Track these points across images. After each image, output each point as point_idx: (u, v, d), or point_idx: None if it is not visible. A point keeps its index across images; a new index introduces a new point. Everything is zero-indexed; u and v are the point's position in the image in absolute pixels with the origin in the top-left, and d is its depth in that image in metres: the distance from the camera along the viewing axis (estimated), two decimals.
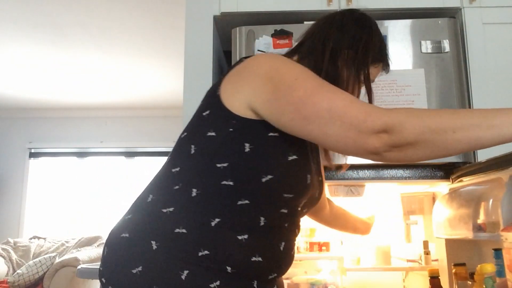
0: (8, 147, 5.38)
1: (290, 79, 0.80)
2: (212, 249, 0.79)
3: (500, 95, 1.67)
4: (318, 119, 0.76)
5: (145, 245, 0.80)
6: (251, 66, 0.86)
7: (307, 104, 0.77)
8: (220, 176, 0.82)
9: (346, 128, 0.74)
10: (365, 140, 0.73)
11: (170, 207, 0.82)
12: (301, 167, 0.86)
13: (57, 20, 3.27)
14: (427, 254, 1.71)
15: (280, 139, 0.83)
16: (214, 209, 0.81)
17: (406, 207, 1.82)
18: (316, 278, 1.75)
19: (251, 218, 0.83)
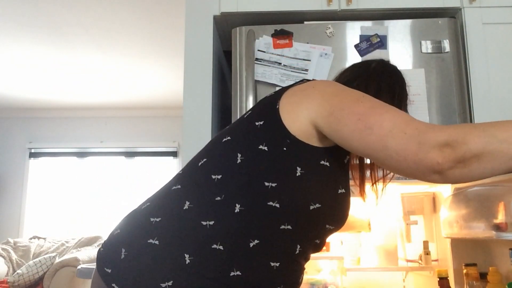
0: (8, 147, 5.38)
1: (356, 95, 0.80)
2: (245, 271, 0.76)
3: (500, 95, 1.67)
4: (380, 130, 0.73)
5: (177, 257, 0.75)
6: (317, 85, 0.86)
7: (371, 114, 0.75)
8: (267, 196, 0.78)
9: (408, 140, 0.70)
10: (427, 154, 0.68)
11: (211, 220, 0.77)
12: (346, 201, 0.87)
13: (57, 20, 3.27)
14: (427, 254, 1.71)
15: (331, 170, 0.83)
16: (255, 229, 0.78)
17: (406, 207, 1.82)
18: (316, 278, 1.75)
19: (289, 245, 0.81)
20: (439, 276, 1.42)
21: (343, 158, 0.87)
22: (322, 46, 1.65)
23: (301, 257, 0.86)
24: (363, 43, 1.65)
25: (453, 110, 1.58)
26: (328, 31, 1.67)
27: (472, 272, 1.35)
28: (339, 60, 1.64)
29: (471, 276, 1.35)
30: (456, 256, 1.54)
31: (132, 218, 0.85)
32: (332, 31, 1.67)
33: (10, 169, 5.33)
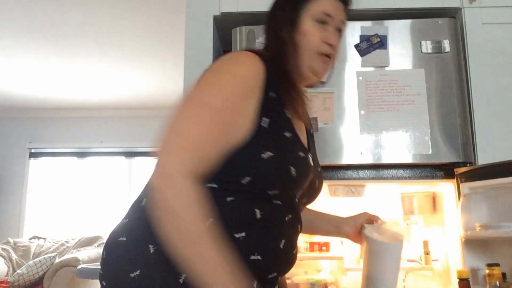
0: (8, 147, 5.38)
1: (204, 83, 0.86)
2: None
3: (500, 95, 1.67)
4: (167, 135, 0.80)
5: (142, 248, 0.79)
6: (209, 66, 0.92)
7: (179, 115, 0.81)
8: (204, 179, 0.81)
9: (158, 161, 0.77)
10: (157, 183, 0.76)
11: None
12: (281, 163, 0.85)
13: (57, 20, 3.27)
14: (427, 254, 1.71)
15: (254, 137, 0.84)
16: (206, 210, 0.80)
17: (406, 207, 1.82)
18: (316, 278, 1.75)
19: (245, 213, 0.82)
20: (460, 277, 1.37)
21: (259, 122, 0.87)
22: None
23: (268, 224, 0.84)
24: (363, 43, 1.65)
25: (453, 110, 1.58)
26: None
27: (496, 273, 1.31)
28: (339, 60, 1.63)
29: (495, 276, 1.31)
30: (469, 257, 1.51)
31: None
32: None
33: (10, 169, 5.33)
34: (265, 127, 0.85)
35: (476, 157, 1.60)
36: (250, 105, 0.84)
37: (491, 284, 1.31)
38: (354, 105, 1.60)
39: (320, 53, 0.97)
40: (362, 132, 1.58)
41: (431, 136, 1.56)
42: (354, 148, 1.57)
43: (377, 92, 1.61)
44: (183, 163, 0.75)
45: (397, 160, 1.56)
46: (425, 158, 1.55)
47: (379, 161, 1.56)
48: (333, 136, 1.58)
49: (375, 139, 1.57)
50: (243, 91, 0.84)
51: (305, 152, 0.92)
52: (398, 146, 1.56)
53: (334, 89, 1.62)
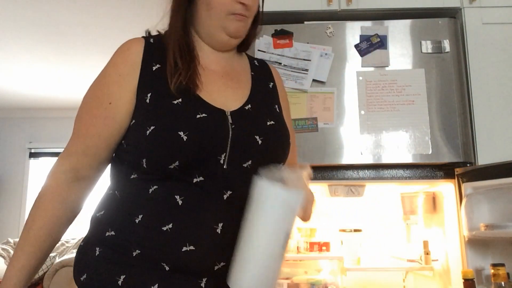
0: (8, 147, 5.38)
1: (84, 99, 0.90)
2: (143, 247, 0.76)
3: (500, 95, 1.67)
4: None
5: (90, 251, 0.81)
6: None
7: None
8: (128, 173, 0.83)
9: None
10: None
11: (102, 210, 0.86)
12: (166, 134, 0.78)
13: (57, 20, 3.27)
14: (427, 254, 1.71)
15: (135, 122, 0.83)
16: (134, 206, 0.80)
17: (406, 207, 1.82)
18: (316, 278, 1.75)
19: (166, 202, 0.78)
20: (465, 278, 1.37)
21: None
22: (322, 46, 1.65)
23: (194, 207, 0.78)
24: (363, 43, 1.65)
25: (453, 110, 1.58)
26: (328, 31, 1.67)
27: (502, 273, 1.30)
28: (339, 60, 1.64)
29: (501, 276, 1.30)
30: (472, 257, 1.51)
31: None
32: (332, 31, 1.67)
33: (10, 169, 5.33)
34: (148, 102, 0.82)
35: (476, 157, 1.60)
36: (125, 88, 0.84)
37: (496, 284, 1.31)
38: (354, 105, 1.60)
39: (232, 13, 0.89)
40: (362, 132, 1.58)
41: (431, 136, 1.56)
42: (354, 148, 1.57)
43: (377, 92, 1.61)
44: (59, 162, 0.86)
45: (397, 160, 1.56)
46: (425, 158, 1.55)
47: (379, 161, 1.56)
48: (333, 136, 1.58)
49: (375, 139, 1.57)
50: (112, 80, 0.86)
51: (211, 112, 0.82)
52: (398, 146, 1.56)
53: (334, 89, 1.62)
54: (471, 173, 1.48)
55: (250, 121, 0.87)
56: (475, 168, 1.49)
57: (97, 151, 0.85)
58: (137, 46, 0.89)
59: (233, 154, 0.82)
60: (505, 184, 1.35)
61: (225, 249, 0.78)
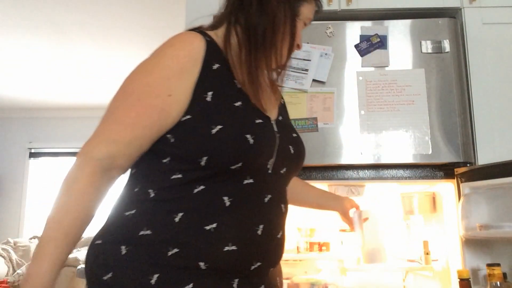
0: (8, 147, 5.38)
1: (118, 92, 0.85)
2: (181, 246, 0.76)
3: (500, 95, 1.67)
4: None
5: (115, 250, 0.78)
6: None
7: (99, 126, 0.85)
8: (169, 171, 0.81)
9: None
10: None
11: (132, 209, 0.81)
12: (234, 133, 0.80)
13: (57, 20, 3.27)
14: (427, 254, 1.71)
15: (195, 119, 0.81)
16: (174, 204, 0.79)
17: (406, 207, 1.82)
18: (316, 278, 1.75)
19: (214, 202, 0.79)
20: (460, 278, 1.36)
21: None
22: (322, 46, 1.65)
23: (240, 207, 0.80)
24: (363, 43, 1.65)
25: (453, 110, 1.58)
26: (328, 31, 1.67)
27: (497, 273, 1.30)
28: (339, 60, 1.64)
29: (496, 276, 1.30)
30: (469, 257, 1.51)
31: None
32: (332, 31, 1.67)
33: (10, 169, 5.33)
34: (209, 100, 0.82)
35: (476, 157, 1.60)
36: (185, 83, 0.82)
37: (491, 284, 1.31)
38: (354, 105, 1.60)
39: (291, 53, 0.95)
40: (362, 132, 1.58)
41: (431, 136, 1.56)
42: (354, 148, 1.57)
43: (377, 92, 1.61)
44: (95, 148, 0.80)
45: (397, 160, 1.56)
46: (425, 158, 1.55)
47: (379, 161, 1.56)
48: (333, 136, 1.58)
49: (375, 139, 1.57)
50: (172, 73, 0.82)
51: (264, 119, 0.87)
52: (398, 146, 1.56)
53: (334, 89, 1.62)
54: (469, 173, 1.48)
55: (286, 131, 0.94)
56: (474, 168, 1.49)
57: (143, 142, 0.81)
58: (200, 42, 0.86)
59: (277, 161, 0.87)
60: (502, 184, 1.35)
61: (263, 250, 0.82)
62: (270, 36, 0.89)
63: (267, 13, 0.88)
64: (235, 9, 0.94)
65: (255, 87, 0.87)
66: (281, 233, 0.87)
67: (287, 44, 0.92)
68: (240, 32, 0.90)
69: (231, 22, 0.93)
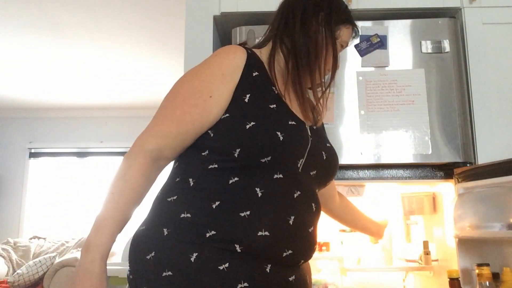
0: (8, 147, 5.38)
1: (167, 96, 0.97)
2: (218, 229, 0.83)
3: (500, 95, 1.67)
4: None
5: (157, 232, 0.86)
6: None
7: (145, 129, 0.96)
8: (205, 163, 0.90)
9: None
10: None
11: (174, 196, 0.90)
12: (265, 131, 0.89)
13: (57, 20, 3.28)
14: (427, 254, 1.71)
15: (232, 116, 0.91)
16: (211, 193, 0.87)
17: (406, 207, 1.82)
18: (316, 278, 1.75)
19: (247, 193, 0.87)
20: (450, 277, 1.38)
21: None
22: None
23: (272, 200, 0.88)
24: (363, 43, 1.65)
25: (453, 110, 1.58)
26: None
27: (486, 273, 1.31)
28: None
29: (484, 276, 1.31)
30: (462, 256, 1.51)
31: None
32: None
33: (10, 169, 5.33)
34: (246, 101, 0.92)
35: (476, 157, 1.60)
36: (226, 86, 0.92)
37: (480, 283, 1.32)
38: (354, 105, 1.60)
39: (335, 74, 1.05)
40: (362, 132, 1.58)
41: (431, 136, 1.56)
42: (354, 148, 1.57)
43: (377, 92, 1.61)
44: (146, 141, 0.91)
45: (397, 160, 1.56)
46: (425, 158, 1.55)
47: (379, 161, 1.56)
48: (333, 136, 1.58)
49: (375, 139, 1.57)
50: (215, 78, 0.92)
51: (298, 121, 0.95)
52: (398, 146, 1.56)
53: (334, 89, 1.62)
54: (466, 173, 1.48)
55: (319, 138, 1.04)
56: (470, 168, 1.49)
57: (186, 137, 0.91)
58: (242, 53, 0.96)
59: (307, 161, 0.95)
60: (494, 183, 1.35)
61: (294, 239, 0.89)
62: (313, 56, 0.99)
63: (309, 35, 1.00)
64: (280, 32, 1.03)
65: (299, 96, 0.99)
66: (312, 228, 0.94)
67: (329, 64, 1.03)
68: (286, 52, 1.01)
69: (277, 43, 1.03)
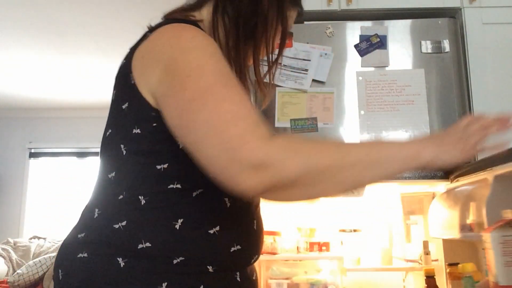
0: (8, 147, 5.38)
1: (183, 75, 0.69)
2: (187, 254, 0.72)
3: (500, 95, 1.67)
4: (194, 131, 0.65)
5: (111, 263, 0.71)
6: (154, 50, 0.78)
7: (189, 110, 0.66)
8: (165, 180, 0.74)
9: (219, 152, 0.62)
10: (238, 173, 0.62)
11: (122, 221, 0.73)
12: None
13: (57, 20, 3.27)
14: (427, 254, 1.71)
15: None
16: (171, 212, 0.73)
17: (406, 207, 1.82)
18: (316, 278, 1.75)
19: (215, 204, 0.76)
20: (426, 275, 1.43)
21: None
22: (322, 46, 1.65)
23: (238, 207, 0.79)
24: (363, 43, 1.65)
25: (453, 110, 1.58)
26: (328, 31, 1.67)
27: (454, 271, 1.36)
28: (339, 60, 1.64)
29: (453, 275, 1.36)
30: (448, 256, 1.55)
31: (66, 237, 0.81)
32: (332, 31, 1.67)
33: (10, 169, 5.33)
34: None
35: (476, 157, 1.60)
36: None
37: (451, 282, 1.38)
38: (354, 105, 1.60)
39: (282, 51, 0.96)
40: (362, 132, 1.58)
41: None
42: None
43: (377, 92, 1.61)
44: (246, 131, 0.64)
45: None
46: None
47: None
48: (333, 136, 1.58)
49: (375, 139, 1.57)
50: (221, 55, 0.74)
51: None
52: None
53: (334, 89, 1.62)
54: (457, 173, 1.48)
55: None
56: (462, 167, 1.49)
57: None
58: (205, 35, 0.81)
59: None
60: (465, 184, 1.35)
61: (258, 242, 0.84)
62: (261, 29, 0.86)
63: (258, 6, 0.86)
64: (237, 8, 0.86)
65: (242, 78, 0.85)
66: (263, 226, 0.88)
67: (277, 39, 0.92)
68: (228, 23, 0.85)
69: (218, 11, 0.87)
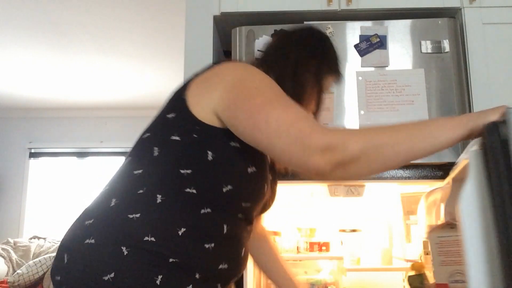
0: (8, 147, 5.38)
1: (251, 87, 0.83)
2: (182, 257, 0.80)
3: (500, 95, 1.66)
4: (266, 129, 0.77)
5: (115, 251, 0.78)
6: (220, 73, 0.89)
7: (260, 112, 0.79)
8: (184, 183, 0.83)
9: (291, 141, 0.75)
10: (309, 157, 0.74)
11: (136, 213, 0.81)
12: (259, 179, 0.91)
13: (57, 19, 3.28)
14: (427, 254, 1.71)
15: (241, 150, 0.86)
16: (179, 218, 0.82)
17: (406, 207, 1.82)
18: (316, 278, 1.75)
19: (215, 227, 0.86)
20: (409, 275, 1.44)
21: None
22: None
23: (234, 237, 0.90)
24: (363, 43, 1.65)
25: (453, 110, 1.58)
26: (328, 31, 1.67)
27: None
28: None
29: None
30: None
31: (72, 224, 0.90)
32: (332, 31, 1.67)
33: (10, 169, 5.32)
34: None
35: None
36: None
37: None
38: (354, 105, 1.60)
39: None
40: None
41: None
42: None
43: (377, 92, 1.61)
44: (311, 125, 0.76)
45: None
46: (424, 158, 1.55)
47: None
48: None
49: None
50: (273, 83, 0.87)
51: (271, 171, 1.00)
52: None
53: (334, 89, 1.62)
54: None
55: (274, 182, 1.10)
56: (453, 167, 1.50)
57: None
58: None
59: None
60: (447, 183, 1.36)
61: (242, 267, 0.95)
62: (296, 99, 0.91)
63: (297, 81, 0.99)
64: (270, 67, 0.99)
65: None
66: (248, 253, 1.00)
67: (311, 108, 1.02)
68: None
69: (267, 69, 0.97)
